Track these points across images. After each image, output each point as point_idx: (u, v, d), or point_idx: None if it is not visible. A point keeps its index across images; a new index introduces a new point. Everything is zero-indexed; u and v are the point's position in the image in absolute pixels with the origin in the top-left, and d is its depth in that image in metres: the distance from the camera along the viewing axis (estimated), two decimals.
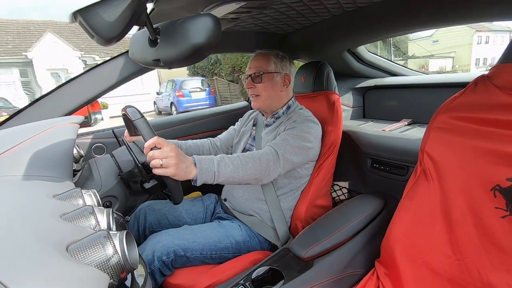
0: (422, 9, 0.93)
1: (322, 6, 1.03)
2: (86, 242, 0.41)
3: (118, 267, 0.41)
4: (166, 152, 0.74)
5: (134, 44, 0.69)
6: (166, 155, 0.73)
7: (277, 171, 0.94)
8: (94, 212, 0.52)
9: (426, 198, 0.75)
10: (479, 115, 0.68)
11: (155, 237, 0.97)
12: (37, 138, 0.82)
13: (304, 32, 1.35)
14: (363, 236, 0.94)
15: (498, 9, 0.82)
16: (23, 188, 0.69)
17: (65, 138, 0.86)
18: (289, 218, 1.14)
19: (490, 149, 0.65)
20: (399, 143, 1.18)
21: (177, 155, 0.75)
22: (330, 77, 1.26)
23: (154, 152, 0.73)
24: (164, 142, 0.75)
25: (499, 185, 0.63)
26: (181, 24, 0.55)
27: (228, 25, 1.11)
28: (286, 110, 1.17)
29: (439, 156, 0.73)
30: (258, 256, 1.02)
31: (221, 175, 0.82)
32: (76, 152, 1.05)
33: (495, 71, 0.67)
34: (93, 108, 2.21)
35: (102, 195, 0.99)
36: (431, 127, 0.76)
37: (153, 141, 0.74)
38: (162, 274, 0.94)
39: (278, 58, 1.13)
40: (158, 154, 0.73)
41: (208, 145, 1.29)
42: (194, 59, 0.58)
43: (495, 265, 0.64)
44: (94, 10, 0.48)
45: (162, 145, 0.74)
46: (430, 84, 1.44)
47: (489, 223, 0.65)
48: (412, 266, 0.75)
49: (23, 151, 0.78)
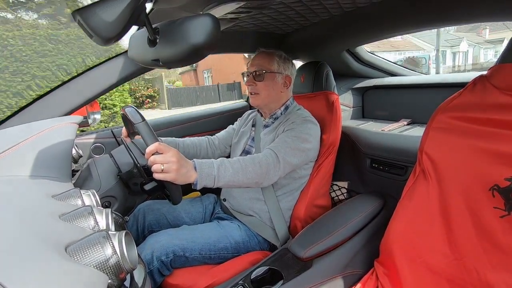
0: (422, 9, 0.93)
1: (321, 6, 1.03)
2: (85, 242, 0.41)
3: (117, 268, 0.41)
4: (167, 157, 0.74)
5: (133, 44, 0.69)
6: (167, 161, 0.73)
7: (277, 174, 0.94)
8: (93, 212, 0.51)
9: (425, 198, 0.75)
10: (478, 115, 0.68)
11: (154, 237, 0.97)
12: (35, 138, 0.82)
13: (303, 32, 1.35)
14: (362, 236, 0.94)
15: (498, 9, 0.82)
16: (22, 188, 0.68)
17: (64, 138, 0.86)
18: (289, 218, 1.14)
19: (489, 149, 0.65)
20: (398, 143, 1.18)
21: (179, 161, 0.75)
22: (329, 77, 1.26)
23: (156, 157, 0.73)
24: (165, 147, 0.75)
25: (497, 184, 0.63)
26: (180, 24, 0.55)
27: (227, 25, 1.11)
28: (284, 110, 1.17)
29: (438, 156, 0.74)
30: (257, 256, 1.02)
31: (221, 179, 0.82)
32: (75, 152, 1.04)
33: (493, 72, 0.67)
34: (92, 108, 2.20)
35: (101, 195, 0.99)
36: (430, 127, 0.77)
37: (154, 147, 0.74)
38: (161, 274, 0.93)
39: (281, 59, 1.14)
40: (160, 159, 0.73)
41: (206, 144, 1.28)
42: (193, 59, 0.58)
43: (493, 264, 0.64)
44: (92, 10, 0.48)
45: (164, 151, 0.74)
46: (429, 84, 1.44)
47: (487, 223, 0.65)
48: (411, 265, 0.75)
49: (22, 151, 0.78)
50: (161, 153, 0.74)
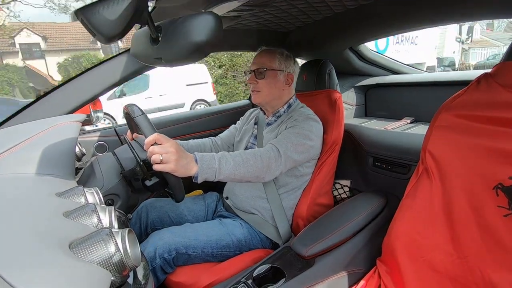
0: (425, 6, 0.93)
1: (323, 4, 1.03)
2: (89, 240, 0.41)
3: (120, 265, 0.41)
4: (166, 147, 0.74)
5: (135, 42, 0.69)
6: (166, 151, 0.74)
7: (279, 168, 0.94)
8: (96, 210, 0.52)
9: (428, 197, 0.74)
10: (482, 113, 0.67)
11: (157, 234, 0.98)
12: (39, 136, 0.83)
13: (306, 30, 1.34)
14: (364, 234, 0.94)
15: (498, 7, 0.82)
16: (26, 186, 0.69)
17: (67, 136, 0.86)
18: (291, 217, 1.14)
19: (493, 148, 0.65)
20: (401, 141, 1.17)
21: (177, 151, 0.75)
22: (332, 75, 1.26)
23: (154, 147, 0.74)
24: (164, 138, 0.76)
25: (501, 183, 0.63)
26: (183, 22, 0.55)
27: (230, 23, 1.11)
28: (287, 108, 1.17)
29: (441, 155, 0.73)
30: (259, 254, 1.03)
31: (222, 172, 0.82)
32: (78, 150, 1.05)
33: (498, 69, 0.67)
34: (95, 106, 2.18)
35: (104, 193, 1.00)
36: (433, 125, 0.76)
37: (153, 137, 0.75)
38: (164, 271, 0.94)
39: (283, 56, 1.13)
40: (158, 149, 0.74)
41: (210, 144, 1.29)
42: (196, 57, 0.58)
43: (497, 263, 0.63)
44: (95, 9, 0.48)
45: (162, 141, 0.75)
46: (432, 82, 1.43)
47: (491, 222, 0.64)
48: (413, 264, 0.75)
49: (26, 149, 0.79)
50: (160, 144, 0.75)
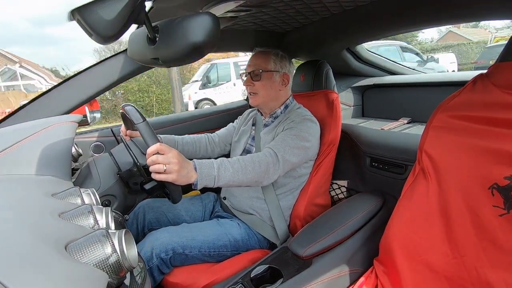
0: (422, 7, 0.93)
1: (321, 5, 1.03)
2: (85, 241, 0.41)
3: (117, 266, 0.41)
4: (169, 158, 0.73)
5: (132, 43, 0.69)
6: (169, 161, 0.73)
7: (277, 173, 0.95)
8: (92, 211, 0.51)
9: (424, 197, 0.75)
10: (478, 113, 0.68)
11: (153, 234, 0.97)
12: (35, 137, 0.82)
13: (303, 31, 1.34)
14: (361, 234, 0.94)
15: (498, 8, 0.82)
16: (22, 187, 0.68)
17: (63, 137, 0.86)
18: (288, 217, 1.15)
19: (488, 148, 0.65)
20: (398, 141, 1.18)
21: (180, 162, 0.75)
22: (329, 75, 1.26)
23: (157, 157, 0.73)
24: (166, 148, 0.75)
25: (496, 183, 0.63)
26: (180, 23, 0.54)
27: (227, 23, 1.10)
28: (284, 109, 1.17)
29: (438, 155, 0.73)
30: (257, 254, 1.03)
31: (221, 179, 0.82)
32: (75, 151, 1.04)
33: (494, 70, 0.67)
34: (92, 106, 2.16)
35: (100, 194, 0.99)
36: (429, 125, 0.77)
37: (156, 148, 0.73)
38: (161, 272, 0.94)
39: (277, 57, 1.13)
40: (161, 159, 0.73)
41: (205, 141, 1.28)
42: (193, 58, 0.58)
43: (493, 263, 0.64)
44: (92, 9, 0.48)
45: (165, 151, 0.74)
46: (429, 83, 1.44)
47: (487, 222, 0.65)
48: (410, 264, 0.75)
49: (22, 150, 0.78)
50: (162, 154, 0.74)
